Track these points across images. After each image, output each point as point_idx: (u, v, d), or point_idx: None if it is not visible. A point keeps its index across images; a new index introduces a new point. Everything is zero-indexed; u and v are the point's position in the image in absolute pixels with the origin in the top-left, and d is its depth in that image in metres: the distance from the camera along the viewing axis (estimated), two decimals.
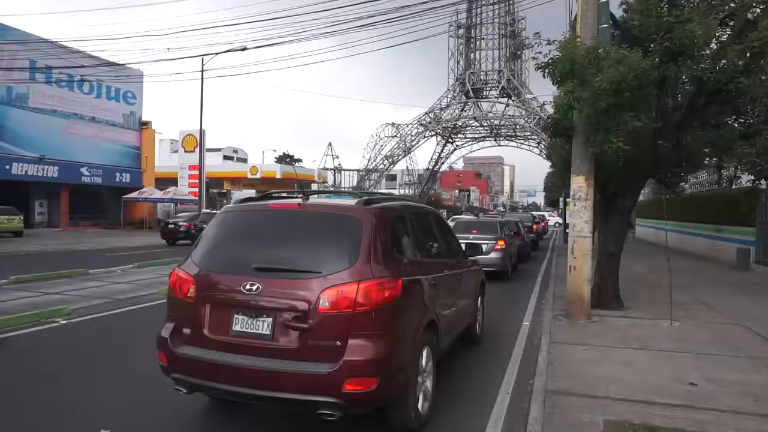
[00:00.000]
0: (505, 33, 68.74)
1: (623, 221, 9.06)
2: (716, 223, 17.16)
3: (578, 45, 6.90)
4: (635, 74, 6.42)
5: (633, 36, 8.08)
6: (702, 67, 7.15)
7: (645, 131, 7.16)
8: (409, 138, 73.10)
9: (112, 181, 34.20)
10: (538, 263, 17.83)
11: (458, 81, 70.93)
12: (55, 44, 29.26)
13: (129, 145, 36.09)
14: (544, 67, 7.20)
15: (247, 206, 4.28)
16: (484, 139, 75.91)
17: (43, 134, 29.55)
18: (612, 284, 8.74)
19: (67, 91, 31.22)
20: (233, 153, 79.17)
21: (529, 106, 66.40)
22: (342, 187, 79.66)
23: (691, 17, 6.82)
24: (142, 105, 36.88)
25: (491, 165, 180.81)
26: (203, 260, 3.88)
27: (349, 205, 3.94)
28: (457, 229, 13.34)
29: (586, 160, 7.58)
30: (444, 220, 6.25)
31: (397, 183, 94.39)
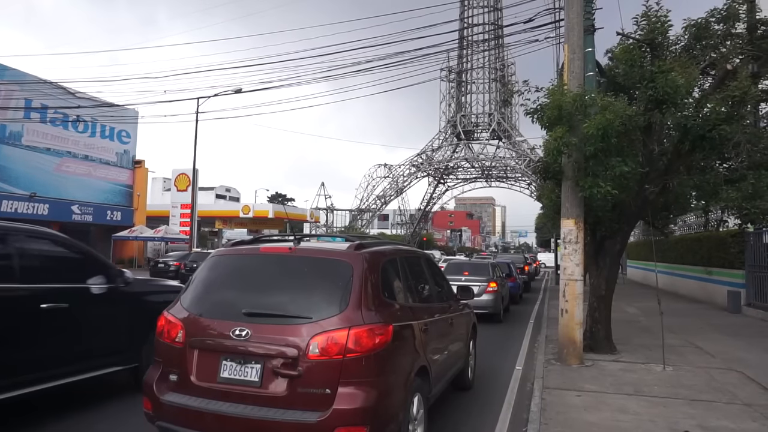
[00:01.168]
0: (495, 77, 70.51)
1: (614, 264, 9.10)
2: (706, 265, 17.27)
3: (565, 92, 7.09)
4: (621, 120, 6.60)
5: (618, 84, 8.35)
6: (685, 115, 7.36)
7: (632, 176, 7.29)
8: (401, 178, 73.72)
9: (103, 220, 34.01)
10: (531, 305, 17.75)
11: (450, 123, 72.20)
12: (51, 84, 29.59)
13: (121, 183, 36.10)
14: (533, 113, 7.39)
15: (239, 249, 4.27)
16: (476, 180, 76.67)
17: (35, 172, 29.53)
18: (604, 327, 8.71)
19: (62, 129, 31.40)
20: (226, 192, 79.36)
21: (519, 148, 67.49)
22: (334, 227, 79.73)
23: (673, 67, 7.06)
24: (136, 144, 37.10)
25: (483, 205, 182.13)
26: (192, 304, 3.85)
27: (340, 250, 3.95)
28: (449, 271, 13.34)
29: (576, 204, 7.68)
30: (435, 262, 6.26)
31: (389, 223, 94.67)
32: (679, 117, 7.37)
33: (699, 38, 8.57)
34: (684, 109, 7.44)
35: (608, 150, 6.75)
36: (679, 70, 7.12)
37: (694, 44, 8.66)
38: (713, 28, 8.52)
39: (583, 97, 6.88)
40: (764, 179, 8.23)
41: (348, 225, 77.38)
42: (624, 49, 7.84)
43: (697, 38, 8.58)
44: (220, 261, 4.17)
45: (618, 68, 8.30)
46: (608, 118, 6.39)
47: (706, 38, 8.56)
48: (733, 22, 8.48)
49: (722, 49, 8.59)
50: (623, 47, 7.94)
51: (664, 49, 8.25)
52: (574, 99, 6.82)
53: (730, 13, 8.39)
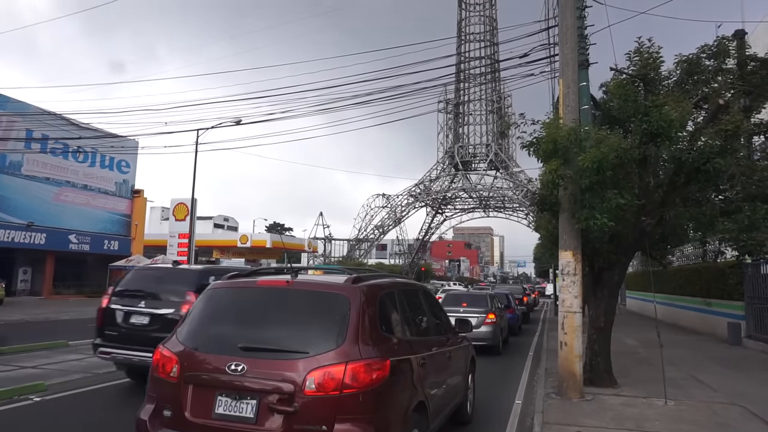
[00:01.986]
0: (492, 109, 71.49)
1: (612, 296, 9.07)
2: (705, 296, 17.21)
3: (561, 126, 7.19)
4: (616, 154, 6.68)
5: (613, 117, 8.48)
6: (680, 148, 7.45)
7: (629, 208, 7.33)
8: (399, 208, 73.93)
9: (100, 249, 33.92)
10: (530, 337, 17.59)
11: (447, 154, 72.84)
12: (53, 115, 29.87)
13: (120, 212, 36.13)
14: (529, 146, 7.48)
15: (236, 283, 4.26)
16: (474, 210, 76.95)
17: (33, 201, 29.58)
18: (604, 360, 8.62)
19: (62, 159, 31.58)
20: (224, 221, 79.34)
21: (516, 178, 67.94)
22: (332, 257, 79.48)
23: (666, 102, 7.18)
24: (135, 173, 37.29)
25: (481, 235, 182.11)
26: (188, 338, 3.81)
27: (338, 283, 3.94)
28: (447, 302, 13.26)
29: (573, 235, 7.70)
30: (433, 295, 6.23)
31: (387, 253, 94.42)
32: (674, 150, 7.47)
33: (691, 73, 8.75)
34: (678, 142, 7.54)
35: (604, 183, 6.81)
36: (673, 104, 7.25)
37: (686, 79, 8.83)
38: (704, 63, 8.71)
39: (578, 130, 6.98)
40: (760, 211, 8.29)
41: (346, 255, 77.18)
42: (618, 83, 7.99)
43: (689, 73, 8.76)
44: (217, 294, 4.15)
45: (612, 102, 8.44)
46: (603, 151, 6.47)
47: (697, 73, 8.74)
48: (724, 58, 8.67)
49: (714, 84, 8.77)
50: (617, 82, 8.10)
51: (657, 83, 8.41)
52: (569, 133, 6.91)
53: (720, 50, 8.59)
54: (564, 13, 7.87)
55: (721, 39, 8.68)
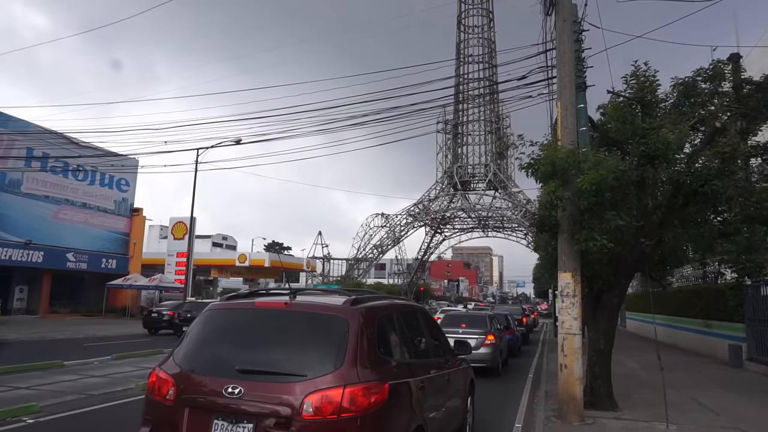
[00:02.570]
0: (490, 129, 71.97)
1: (612, 317, 9.02)
2: (705, 317, 17.11)
3: (559, 148, 7.24)
4: (614, 176, 6.71)
5: (611, 138, 8.53)
6: (678, 170, 7.49)
7: (628, 229, 7.33)
8: (398, 228, 73.94)
9: (98, 267, 33.79)
10: (529, 358, 17.44)
11: (446, 174, 73.11)
12: (54, 134, 30.02)
13: (118, 231, 36.09)
14: (528, 167, 7.51)
15: (234, 304, 4.23)
16: (473, 230, 76.97)
17: (32, 219, 29.56)
18: (604, 383, 8.53)
19: (61, 177, 31.66)
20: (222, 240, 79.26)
21: (515, 198, 68.11)
22: (331, 276, 79.18)
23: (664, 124, 7.24)
24: (134, 192, 37.36)
25: (480, 255, 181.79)
26: (185, 360, 3.78)
27: (336, 305, 3.92)
28: (446, 323, 13.18)
29: (572, 257, 7.68)
30: (431, 316, 6.19)
31: (386, 272, 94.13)
32: (672, 172, 7.50)
33: (687, 96, 8.83)
34: (676, 164, 7.58)
35: (603, 204, 6.83)
36: (670, 126, 7.30)
37: (683, 101, 8.91)
38: (700, 86, 8.79)
39: (576, 152, 7.02)
40: (758, 233, 8.30)
41: (345, 274, 76.91)
42: (615, 106, 8.06)
43: (686, 96, 8.83)
44: (215, 315, 4.12)
45: (610, 124, 8.50)
46: (601, 173, 6.50)
47: (694, 96, 8.81)
48: (720, 81, 8.76)
49: (710, 106, 8.84)
50: (614, 105, 8.17)
51: (653, 106, 8.47)
52: (567, 155, 6.95)
53: (716, 73, 8.68)
54: (561, 37, 7.98)
55: (716, 63, 8.78)
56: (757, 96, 8.96)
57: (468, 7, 72.16)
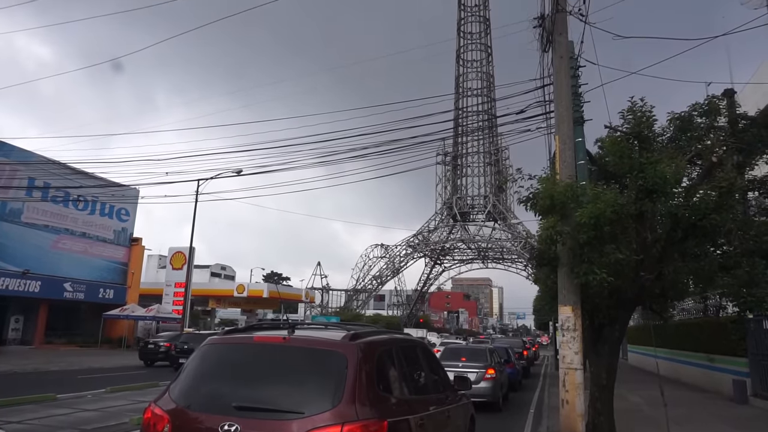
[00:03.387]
0: (490, 161, 72.60)
1: (614, 352, 8.91)
2: (707, 351, 16.91)
3: (557, 182, 7.29)
4: (613, 209, 6.74)
5: (609, 172, 8.60)
6: (676, 204, 7.52)
7: (627, 263, 7.33)
8: (397, 259, 73.79)
9: (95, 297, 33.54)
10: (530, 392, 17.17)
11: (446, 205, 73.39)
12: (56, 164, 30.21)
13: (117, 261, 35.97)
14: (526, 201, 7.55)
15: (232, 338, 4.19)
16: (472, 261, 76.86)
17: (30, 248, 29.50)
18: (607, 419, 8.37)
19: (62, 207, 31.74)
20: (221, 270, 78.95)
21: (515, 230, 68.19)
22: (329, 307, 78.58)
23: (661, 159, 7.31)
24: (134, 222, 37.39)
25: (479, 286, 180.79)
26: (181, 396, 3.72)
27: (335, 340, 3.88)
28: (445, 356, 13.03)
29: (572, 290, 7.65)
30: (431, 351, 6.12)
31: (385, 304, 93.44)
32: (670, 206, 7.53)
33: (684, 130, 8.94)
34: (674, 198, 7.62)
35: (602, 238, 6.84)
36: (667, 161, 7.37)
37: (679, 136, 9.01)
38: (696, 121, 8.90)
39: (575, 186, 7.07)
40: (758, 267, 8.29)
41: (343, 306, 76.36)
42: (613, 141, 8.15)
43: (682, 130, 8.94)
44: (212, 350, 4.07)
45: (608, 157, 8.58)
46: (599, 207, 6.54)
47: (690, 130, 8.92)
48: (715, 116, 8.88)
49: (707, 141, 8.94)
50: (612, 139, 8.26)
51: (650, 141, 8.56)
52: (565, 189, 7.00)
53: (712, 108, 8.80)
54: (558, 73, 8.13)
55: (711, 98, 8.91)
56: (753, 131, 9.07)
57: (467, 42, 73.72)
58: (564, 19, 8.21)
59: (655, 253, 8.38)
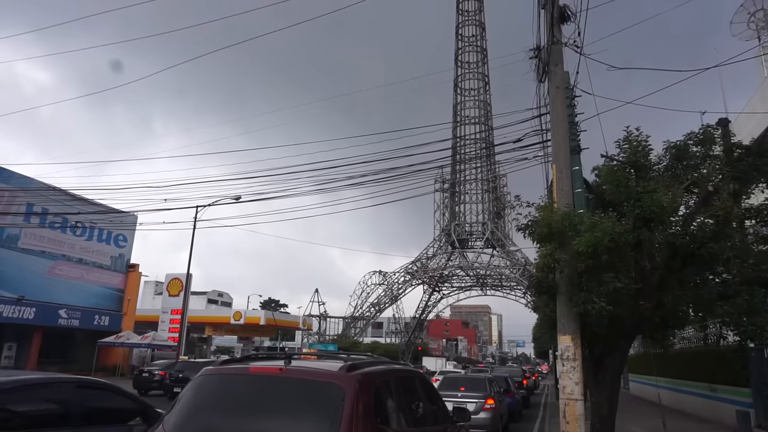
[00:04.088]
0: (487, 188, 72.88)
1: (614, 381, 8.82)
2: (710, 381, 16.69)
3: (555, 210, 7.32)
4: (611, 238, 6.75)
5: (606, 200, 8.64)
6: (673, 233, 7.54)
7: (626, 291, 7.30)
8: (396, 286, 73.35)
9: (90, 324, 33.17)
10: (531, 423, 16.88)
11: (444, 231, 73.35)
12: (57, 190, 30.25)
13: (113, 287, 35.70)
14: (524, 228, 7.56)
15: (227, 369, 4.14)
16: (471, 288, 76.46)
17: (26, 274, 29.31)
18: None
19: (59, 233, 31.65)
20: (218, 297, 78.40)
21: (513, 257, 68.02)
22: (327, 335, 77.80)
23: (657, 187, 7.35)
24: (132, 248, 37.25)
25: (478, 314, 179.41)
26: (176, 428, 3.64)
27: (332, 371, 3.83)
28: (444, 386, 12.85)
29: (572, 319, 7.60)
30: (429, 381, 6.05)
31: (383, 331, 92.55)
32: (668, 235, 7.55)
33: (680, 159, 9.02)
34: (671, 227, 7.65)
35: (600, 266, 6.83)
36: (664, 189, 7.41)
37: (675, 164, 9.09)
38: (692, 150, 9.00)
39: (572, 215, 7.09)
40: (758, 295, 8.24)
41: (341, 333, 75.63)
42: (609, 170, 8.21)
43: (678, 159, 9.03)
44: (207, 381, 4.01)
45: (605, 185, 8.63)
46: (597, 236, 6.55)
47: (686, 159, 9.01)
48: (710, 145, 8.97)
49: (702, 169, 9.02)
50: (608, 168, 8.33)
51: (647, 169, 8.64)
52: (563, 217, 7.02)
53: (707, 137, 8.91)
54: (554, 103, 8.24)
55: (706, 127, 9.02)
56: (748, 160, 9.16)
57: (464, 71, 74.80)
58: (559, 51, 8.37)
59: (654, 281, 8.36)
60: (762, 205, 9.09)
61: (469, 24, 75.38)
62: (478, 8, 75.62)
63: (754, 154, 9.02)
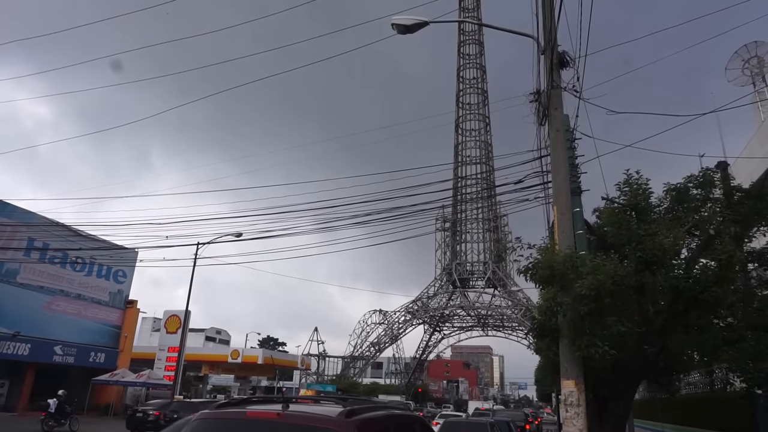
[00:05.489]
0: (489, 228, 72.98)
1: (619, 428, 8.59)
2: (717, 428, 16.24)
3: (556, 252, 7.30)
4: (613, 281, 6.70)
5: (608, 242, 8.62)
6: (676, 276, 7.49)
7: (630, 335, 7.20)
8: (396, 325, 72.57)
9: (85, 362, 32.64)
10: None
11: (445, 271, 73.06)
12: (60, 226, 30.29)
13: (110, 323, 35.31)
14: (526, 271, 7.52)
15: (224, 413, 4.04)
16: (472, 328, 75.62)
17: (23, 310, 29.05)
18: None
19: (59, 268, 31.53)
20: (216, 334, 77.46)
21: (515, 297, 67.49)
22: (326, 375, 76.46)
23: (659, 230, 7.35)
24: (131, 284, 37.04)
25: (480, 355, 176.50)
26: None
27: (330, 417, 3.74)
28: (445, 431, 12.55)
29: (575, 364, 7.47)
30: (429, 426, 5.91)
31: (383, 371, 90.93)
32: (670, 278, 7.50)
33: (680, 201, 9.04)
34: (674, 270, 7.60)
35: (603, 309, 6.76)
36: (665, 232, 7.41)
37: (676, 207, 9.11)
38: (692, 192, 9.03)
39: (574, 257, 7.07)
40: (764, 341, 8.12)
41: (340, 373, 74.33)
42: (610, 212, 8.23)
43: (679, 201, 9.05)
44: (203, 425, 3.92)
45: (607, 227, 8.64)
46: (600, 278, 6.51)
47: (686, 201, 9.03)
48: (710, 188, 9.01)
49: (703, 212, 9.03)
50: (609, 210, 8.35)
51: (648, 212, 8.65)
52: (564, 259, 6.99)
53: (707, 180, 8.95)
54: (555, 146, 8.33)
55: (705, 170, 9.08)
56: (748, 203, 9.18)
57: (465, 113, 76.11)
58: (559, 95, 8.52)
59: (658, 325, 8.25)
60: (764, 248, 9.07)
61: (470, 67, 77.19)
62: (479, 52, 77.61)
63: (755, 198, 9.05)
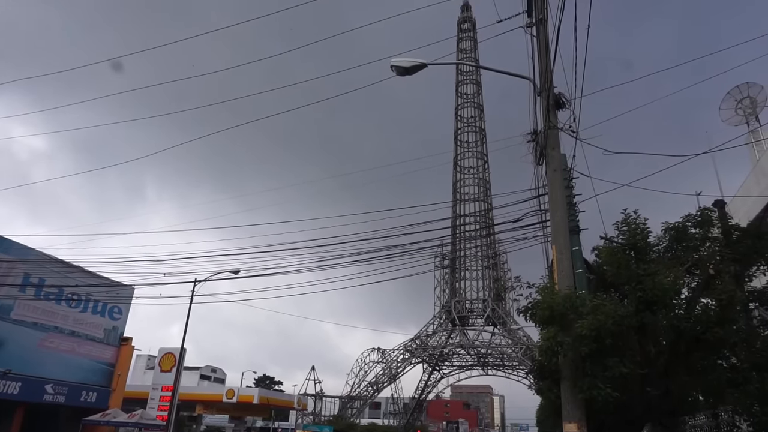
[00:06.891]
0: (488, 265, 72.69)
1: None
2: None
3: (556, 292, 7.24)
4: (614, 321, 6.63)
5: (607, 281, 8.57)
6: (677, 316, 7.41)
7: (632, 377, 7.07)
8: (394, 364, 71.35)
9: (76, 401, 31.85)
10: None
11: (444, 308, 72.36)
12: (58, 262, 30.12)
13: (104, 361, 34.65)
14: (525, 311, 7.45)
15: None
16: (472, 367, 74.37)
17: (16, 347, 28.50)
18: None
19: (53, 304, 31.15)
20: (211, 372, 76.02)
21: (515, 335, 66.65)
22: (323, 415, 74.70)
23: (658, 270, 7.31)
24: (126, 320, 36.55)
25: (480, 395, 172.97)
26: None
27: None
28: None
29: (577, 406, 7.30)
30: None
31: (381, 412, 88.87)
32: (671, 318, 7.42)
33: (679, 240, 9.04)
34: (674, 309, 7.53)
35: (604, 350, 6.66)
36: (665, 271, 7.37)
37: (675, 246, 9.10)
38: (690, 231, 9.03)
39: (574, 297, 7.01)
40: None
41: (337, 413, 72.64)
42: (609, 251, 8.22)
43: (678, 240, 9.04)
44: None
45: (606, 266, 8.60)
46: (600, 319, 6.44)
47: (685, 240, 9.02)
48: (708, 227, 9.02)
49: (702, 251, 9.01)
50: (608, 250, 8.33)
51: (646, 251, 8.63)
52: (564, 299, 6.93)
53: (704, 219, 8.97)
54: (552, 185, 8.38)
55: (703, 209, 9.11)
56: (747, 242, 9.18)
57: (463, 150, 76.93)
58: (556, 135, 8.63)
59: (660, 366, 8.13)
60: (765, 288, 9.01)
61: (468, 106, 78.48)
62: (477, 91, 79.06)
63: (753, 236, 9.06)
